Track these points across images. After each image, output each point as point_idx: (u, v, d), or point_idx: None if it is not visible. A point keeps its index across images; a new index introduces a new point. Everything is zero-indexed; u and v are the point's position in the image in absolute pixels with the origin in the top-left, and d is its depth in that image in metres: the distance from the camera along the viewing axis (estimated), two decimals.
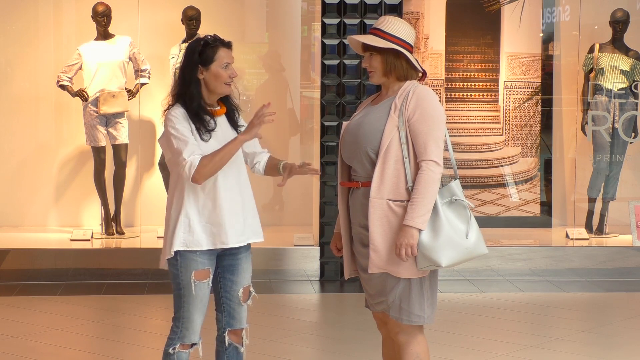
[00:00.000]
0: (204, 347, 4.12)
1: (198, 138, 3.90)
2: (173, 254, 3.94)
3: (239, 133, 4.02)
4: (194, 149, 3.86)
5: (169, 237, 3.96)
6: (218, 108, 4.02)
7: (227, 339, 4.12)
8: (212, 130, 3.94)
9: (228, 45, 3.98)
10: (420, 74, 4.03)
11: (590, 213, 8.76)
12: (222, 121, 4.02)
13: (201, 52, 3.93)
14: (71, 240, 8.18)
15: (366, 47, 4.01)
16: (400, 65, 3.96)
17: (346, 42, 7.52)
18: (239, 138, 3.89)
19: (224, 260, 4.06)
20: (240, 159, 4.06)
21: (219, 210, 3.95)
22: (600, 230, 8.69)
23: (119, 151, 8.31)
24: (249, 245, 4.10)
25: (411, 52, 3.98)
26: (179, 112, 3.92)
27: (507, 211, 9.08)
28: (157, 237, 8.16)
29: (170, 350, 4.03)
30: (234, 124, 4.07)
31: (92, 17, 8.26)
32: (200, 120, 3.92)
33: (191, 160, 3.83)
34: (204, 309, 4.03)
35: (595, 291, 7.56)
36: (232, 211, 3.98)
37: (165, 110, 3.98)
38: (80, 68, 8.23)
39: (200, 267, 3.96)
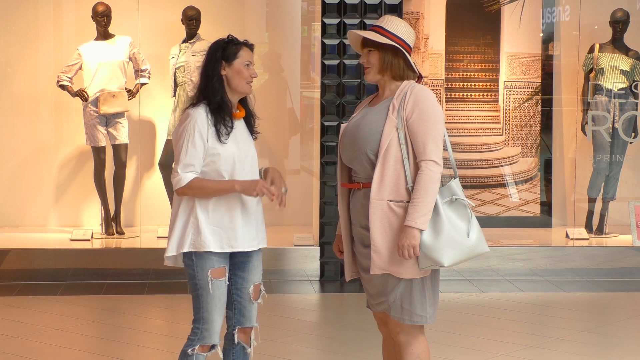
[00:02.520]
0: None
1: (216, 141, 3.92)
2: (177, 252, 3.96)
3: (254, 139, 4.12)
4: (190, 164, 3.90)
5: (176, 236, 3.97)
6: (237, 111, 4.06)
7: (235, 337, 4.13)
8: (231, 129, 3.96)
9: (250, 46, 4.07)
10: (416, 77, 4.03)
11: (590, 213, 8.76)
12: (240, 125, 4.05)
13: (224, 49, 4.00)
14: (71, 240, 8.18)
15: (365, 44, 4.02)
16: (398, 64, 3.96)
17: (346, 42, 7.52)
18: (235, 187, 3.92)
19: (235, 258, 4.08)
20: (256, 165, 4.08)
21: (232, 214, 3.98)
22: (600, 230, 8.69)
23: (119, 151, 8.31)
24: None
25: (409, 53, 3.98)
26: (201, 113, 3.94)
27: (507, 211, 9.08)
28: (157, 237, 8.17)
29: (189, 352, 4.02)
30: (251, 128, 4.12)
31: (92, 17, 8.26)
32: (222, 117, 3.95)
33: (182, 176, 3.90)
34: (222, 308, 4.04)
35: (595, 291, 7.56)
36: (245, 215, 4.01)
37: (187, 108, 4.00)
38: (80, 68, 8.23)
39: (216, 266, 3.98)
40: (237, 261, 4.08)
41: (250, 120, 4.13)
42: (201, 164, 3.93)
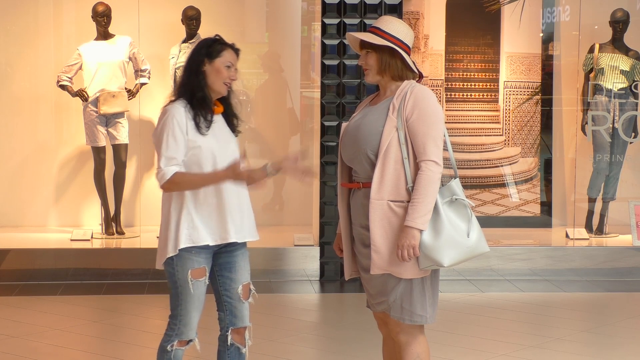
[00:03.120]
0: (206, 347, 4.13)
1: (196, 133, 3.94)
2: (178, 251, 3.97)
3: (236, 135, 4.13)
4: (172, 157, 3.92)
5: (171, 234, 3.98)
6: (215, 107, 4.07)
7: (229, 338, 4.13)
8: (211, 122, 3.99)
9: (236, 50, 4.09)
10: (417, 76, 4.03)
11: (590, 213, 8.76)
12: (219, 120, 4.07)
13: (210, 46, 4.04)
14: (71, 240, 8.18)
15: (363, 45, 4.02)
16: (395, 64, 3.96)
17: (346, 42, 7.52)
18: (222, 176, 3.92)
19: (220, 258, 4.10)
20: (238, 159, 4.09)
21: (221, 206, 3.99)
22: (600, 230, 8.69)
23: (119, 151, 8.31)
24: (244, 243, 4.12)
25: (408, 53, 3.98)
26: (179, 108, 3.96)
27: (507, 211, 9.08)
28: (157, 237, 8.15)
29: (169, 348, 4.06)
30: (232, 127, 4.13)
31: (92, 17, 8.26)
32: (202, 111, 3.97)
33: (165, 171, 3.92)
34: (201, 306, 4.06)
35: (595, 291, 7.56)
36: (231, 208, 4.02)
37: (166, 105, 4.03)
38: (80, 68, 8.23)
39: (197, 266, 4.00)
40: (222, 262, 4.10)
41: (230, 119, 4.14)
42: (183, 157, 3.94)
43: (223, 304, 4.13)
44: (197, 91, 3.99)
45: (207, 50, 4.03)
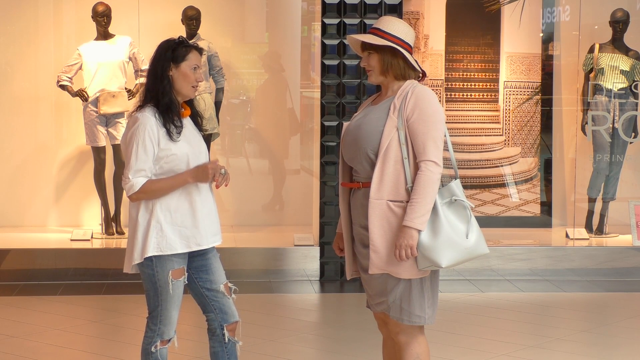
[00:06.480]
0: (197, 346, 4.13)
1: (168, 141, 3.96)
2: (142, 259, 3.98)
3: (203, 135, 4.17)
4: (141, 169, 3.93)
5: (138, 241, 3.98)
6: (183, 110, 4.09)
7: (227, 335, 4.14)
8: (182, 128, 4.01)
9: (200, 50, 4.10)
10: (419, 74, 4.03)
11: (590, 213, 8.76)
12: (187, 123, 4.09)
13: (174, 50, 4.02)
14: (71, 240, 8.18)
15: (364, 47, 4.02)
16: (397, 64, 3.96)
17: (346, 42, 7.53)
18: (188, 179, 3.97)
19: (195, 262, 4.12)
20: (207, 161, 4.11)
21: (195, 212, 4.02)
22: (600, 230, 8.69)
23: (119, 151, 8.31)
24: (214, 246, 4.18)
25: (410, 52, 3.98)
26: (149, 117, 3.96)
27: (507, 211, 9.08)
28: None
29: (153, 349, 4.08)
30: (198, 127, 4.16)
31: (92, 17, 8.26)
32: (170, 119, 3.98)
33: (134, 182, 3.93)
34: (179, 304, 4.09)
35: (595, 291, 7.56)
36: (205, 212, 4.05)
37: (134, 111, 4.03)
38: (80, 68, 8.23)
39: (177, 267, 4.02)
40: (197, 265, 4.12)
41: (196, 120, 4.16)
42: (152, 169, 3.96)
43: (210, 304, 4.14)
44: (163, 97, 3.98)
45: (172, 55, 4.01)
